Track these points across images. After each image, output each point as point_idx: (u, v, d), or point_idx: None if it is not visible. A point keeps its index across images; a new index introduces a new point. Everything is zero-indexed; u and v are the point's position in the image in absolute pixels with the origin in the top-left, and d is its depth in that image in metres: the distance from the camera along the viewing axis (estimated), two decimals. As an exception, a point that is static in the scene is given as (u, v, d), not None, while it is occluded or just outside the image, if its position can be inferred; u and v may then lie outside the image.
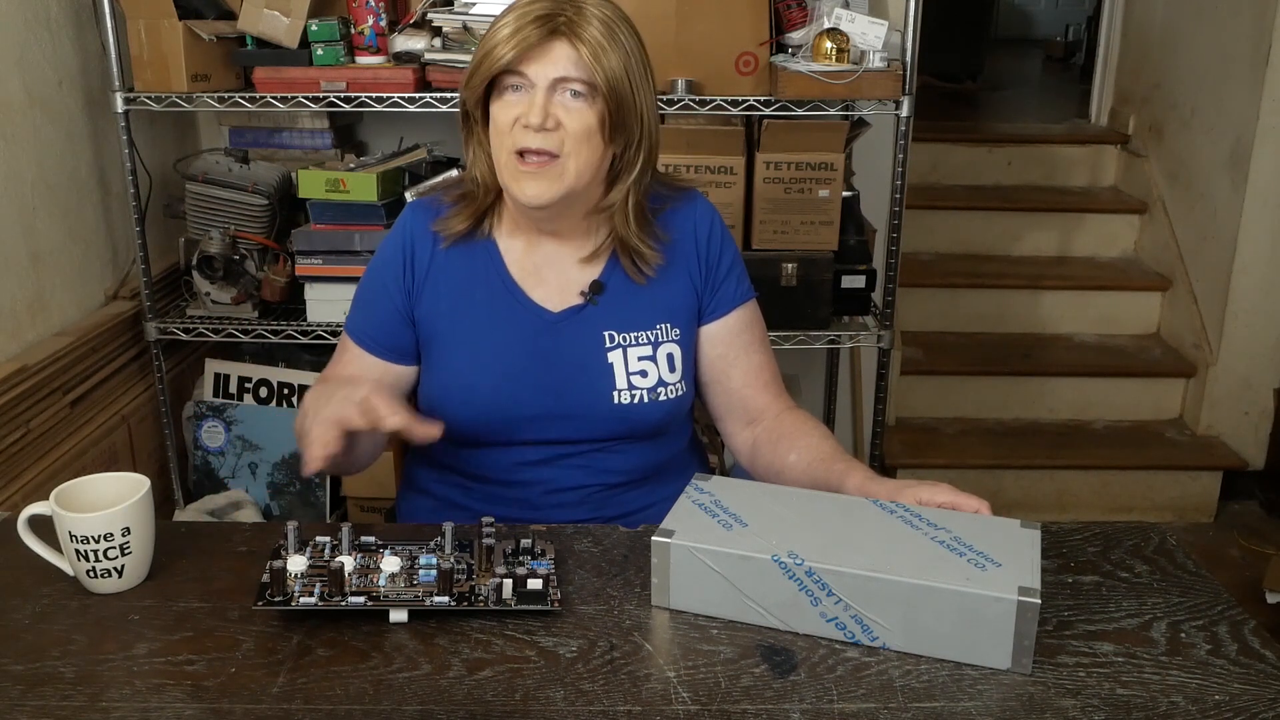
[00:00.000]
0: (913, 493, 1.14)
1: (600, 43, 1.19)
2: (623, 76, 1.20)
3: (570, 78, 1.20)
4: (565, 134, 1.21)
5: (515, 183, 1.23)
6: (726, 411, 1.40)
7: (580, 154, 1.22)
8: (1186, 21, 3.43)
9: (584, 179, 1.24)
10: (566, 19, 1.19)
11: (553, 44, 1.19)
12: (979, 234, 3.67)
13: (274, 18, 2.17)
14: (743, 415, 1.39)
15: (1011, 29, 8.23)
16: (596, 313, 1.33)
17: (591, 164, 1.24)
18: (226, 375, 2.48)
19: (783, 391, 1.40)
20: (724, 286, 1.37)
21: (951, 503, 1.12)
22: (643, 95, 1.24)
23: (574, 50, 1.19)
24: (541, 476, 1.33)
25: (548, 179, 1.22)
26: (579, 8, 1.20)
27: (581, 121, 1.21)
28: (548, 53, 1.19)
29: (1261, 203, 2.99)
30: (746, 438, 1.39)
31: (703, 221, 1.37)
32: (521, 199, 1.24)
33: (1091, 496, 3.10)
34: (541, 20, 1.18)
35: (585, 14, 1.20)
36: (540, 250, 1.33)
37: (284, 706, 0.91)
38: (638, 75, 1.23)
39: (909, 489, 1.14)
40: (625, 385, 1.31)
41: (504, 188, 1.27)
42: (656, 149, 1.30)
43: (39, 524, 1.09)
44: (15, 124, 2.05)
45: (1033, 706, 0.92)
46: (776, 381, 1.40)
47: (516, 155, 1.22)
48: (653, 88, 1.27)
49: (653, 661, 0.97)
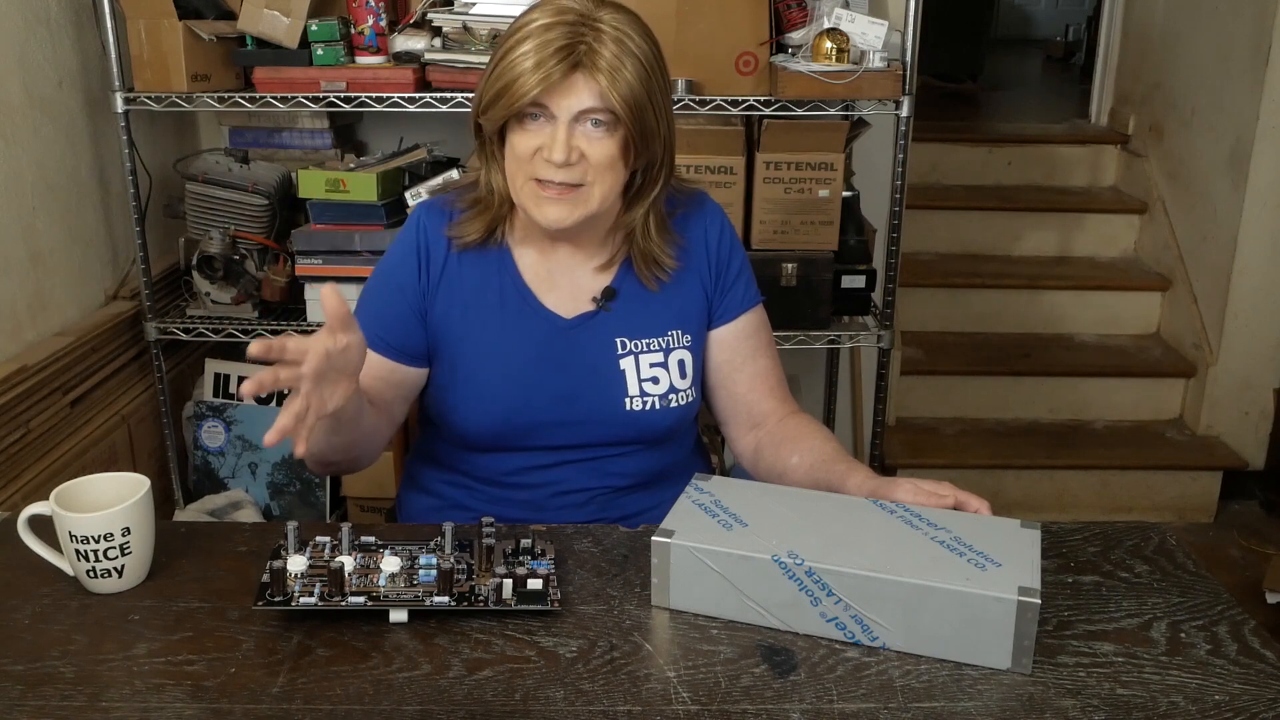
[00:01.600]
0: (903, 494, 1.13)
1: (618, 67, 1.17)
2: (643, 98, 1.19)
3: (593, 109, 1.18)
4: (588, 165, 1.20)
5: (537, 208, 1.22)
6: (731, 415, 1.40)
7: (604, 181, 1.22)
8: (1186, 21, 3.43)
9: (606, 203, 1.24)
10: (587, 46, 1.16)
11: (574, 76, 1.17)
12: (979, 234, 3.67)
13: (274, 18, 2.17)
14: (747, 420, 1.38)
15: (1011, 29, 8.23)
16: (609, 319, 1.32)
17: (614, 189, 1.24)
18: (226, 375, 2.48)
19: (788, 396, 1.40)
20: (733, 291, 1.37)
21: (954, 500, 1.12)
22: (663, 112, 1.23)
23: (595, 82, 1.17)
24: (548, 479, 1.33)
25: (569, 204, 1.21)
26: (596, 30, 1.17)
27: (604, 151, 1.20)
28: (570, 87, 1.17)
29: (1261, 203, 2.99)
30: (750, 441, 1.38)
31: (713, 225, 1.37)
32: (543, 223, 1.23)
33: (1091, 496, 3.10)
34: (562, 51, 1.15)
35: (602, 35, 1.17)
36: (554, 257, 1.33)
37: (284, 706, 0.91)
38: (657, 92, 1.21)
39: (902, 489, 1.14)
40: (637, 392, 1.31)
41: (521, 208, 1.25)
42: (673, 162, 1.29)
43: (39, 524, 1.09)
44: (15, 124, 2.05)
45: (1033, 706, 0.92)
46: (782, 386, 1.40)
47: (536, 182, 1.21)
48: (670, 94, 1.25)
49: (653, 661, 0.97)
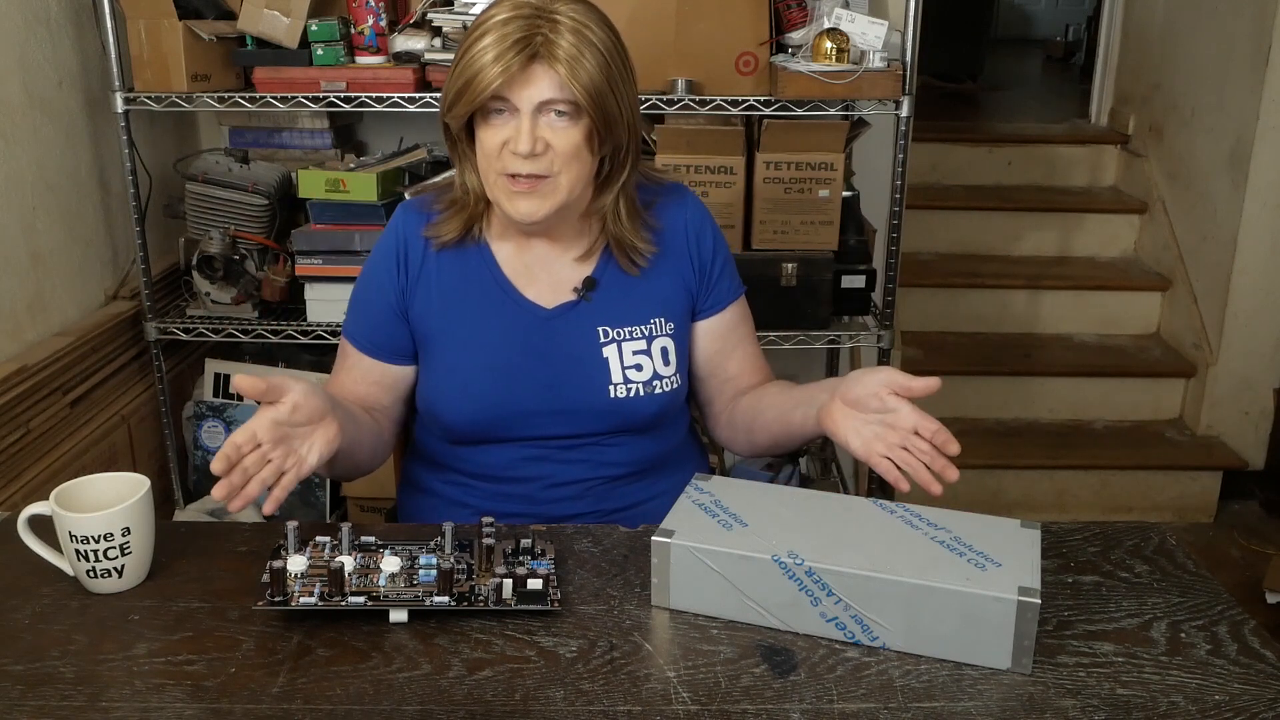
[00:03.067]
0: (857, 376, 1.16)
1: (577, 56, 1.18)
2: (604, 87, 1.20)
3: (554, 99, 1.19)
4: (554, 155, 1.21)
5: (509, 202, 1.24)
6: (717, 395, 1.44)
7: (571, 170, 1.23)
8: (1186, 21, 3.43)
9: (575, 192, 1.25)
10: (544, 37, 1.17)
11: (533, 68, 1.18)
12: (979, 234, 3.67)
13: (274, 18, 2.17)
14: (732, 396, 1.43)
15: (1011, 29, 8.23)
16: (590, 308, 1.33)
17: (582, 178, 1.25)
18: (226, 375, 2.48)
19: (770, 374, 1.45)
20: (720, 284, 1.39)
21: (899, 384, 1.12)
22: (625, 100, 1.24)
23: (554, 72, 1.18)
24: (541, 472, 1.34)
25: (539, 196, 1.23)
26: (553, 21, 1.18)
27: (569, 140, 1.21)
28: (529, 78, 1.18)
29: (1261, 203, 2.99)
30: (723, 408, 1.43)
31: (694, 217, 1.39)
32: (515, 216, 1.24)
33: (1091, 496, 3.10)
34: (520, 44, 1.16)
35: (559, 26, 1.18)
36: (532, 251, 1.34)
37: (284, 706, 0.91)
38: (618, 78, 1.22)
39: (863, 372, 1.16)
40: (620, 379, 1.32)
41: (495, 204, 1.27)
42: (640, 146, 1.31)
43: (39, 524, 1.09)
44: (15, 124, 2.05)
45: (1033, 706, 0.92)
46: (765, 366, 1.45)
47: (507, 176, 1.22)
48: (633, 82, 1.26)
49: (653, 661, 0.97)
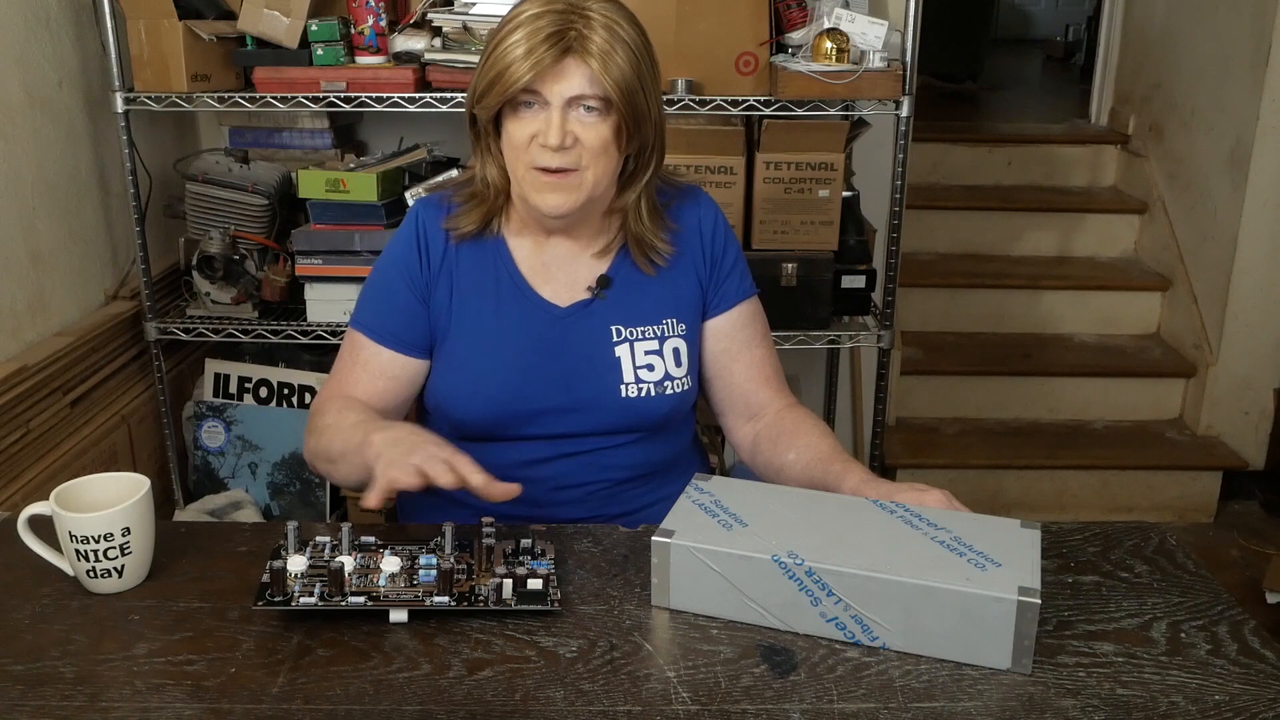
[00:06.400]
0: (905, 497, 1.14)
1: (609, 52, 1.19)
2: (635, 84, 1.21)
3: (585, 94, 1.21)
4: (583, 149, 1.23)
5: (537, 194, 1.25)
6: (728, 406, 1.41)
7: (598, 165, 1.24)
8: (1186, 21, 3.43)
9: (600, 187, 1.26)
10: (577, 33, 1.19)
11: (565, 62, 1.19)
12: (979, 234, 3.67)
13: (274, 18, 2.17)
14: (744, 410, 1.40)
15: (1011, 29, 8.22)
16: (604, 307, 1.34)
17: (609, 173, 1.26)
18: (226, 375, 2.48)
19: (784, 387, 1.41)
20: (728, 282, 1.39)
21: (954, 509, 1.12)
22: (653, 98, 1.26)
23: (586, 67, 1.19)
24: (547, 474, 1.34)
25: (567, 190, 1.24)
26: (586, 17, 1.20)
27: (598, 135, 1.22)
28: (561, 72, 1.20)
29: (1261, 203, 2.99)
30: (747, 433, 1.40)
31: (707, 217, 1.39)
32: (544, 209, 1.25)
33: (1091, 496, 3.10)
34: (553, 38, 1.18)
35: (592, 23, 1.20)
36: (550, 248, 1.35)
37: (284, 706, 0.91)
38: (648, 77, 1.24)
39: (903, 492, 1.15)
40: (632, 379, 1.32)
41: (523, 197, 1.28)
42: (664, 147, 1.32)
43: (39, 524, 1.09)
44: (15, 124, 2.05)
45: (1033, 706, 0.92)
46: (779, 377, 1.41)
47: (537, 169, 1.23)
48: (659, 83, 1.28)
49: (653, 661, 0.97)
